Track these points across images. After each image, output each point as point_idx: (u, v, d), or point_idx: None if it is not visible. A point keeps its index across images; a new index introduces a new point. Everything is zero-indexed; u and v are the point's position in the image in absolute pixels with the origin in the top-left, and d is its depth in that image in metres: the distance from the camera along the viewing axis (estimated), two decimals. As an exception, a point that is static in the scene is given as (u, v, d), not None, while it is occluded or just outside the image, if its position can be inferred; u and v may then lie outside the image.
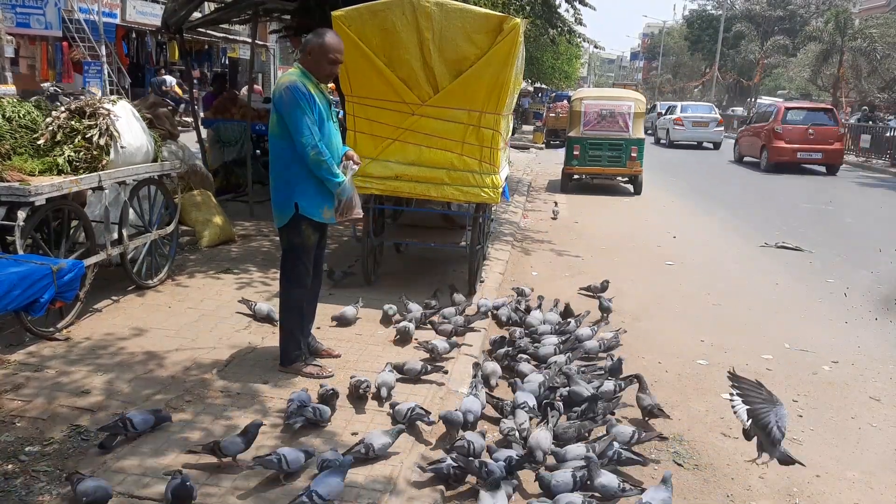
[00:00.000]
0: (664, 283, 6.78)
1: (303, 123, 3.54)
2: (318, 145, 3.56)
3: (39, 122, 4.56)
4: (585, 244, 8.35)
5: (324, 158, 3.58)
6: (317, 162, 3.59)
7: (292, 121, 3.55)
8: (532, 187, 13.21)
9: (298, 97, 3.53)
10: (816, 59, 30.43)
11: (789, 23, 45.23)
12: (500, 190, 5.39)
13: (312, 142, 3.55)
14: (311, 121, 3.55)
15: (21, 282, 3.42)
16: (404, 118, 5.21)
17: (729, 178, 16.47)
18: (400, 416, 3.35)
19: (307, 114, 3.54)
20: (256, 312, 4.72)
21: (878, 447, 3.69)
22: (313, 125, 3.56)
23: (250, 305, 4.80)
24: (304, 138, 3.55)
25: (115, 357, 4.00)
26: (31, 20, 16.47)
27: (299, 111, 3.53)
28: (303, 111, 3.53)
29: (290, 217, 3.72)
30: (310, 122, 3.54)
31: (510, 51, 4.98)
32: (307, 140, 3.55)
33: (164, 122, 6.06)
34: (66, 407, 3.37)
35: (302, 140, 3.56)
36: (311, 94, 3.57)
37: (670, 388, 4.26)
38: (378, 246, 5.96)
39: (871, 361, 4.90)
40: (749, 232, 9.47)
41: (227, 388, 3.68)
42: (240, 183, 8.92)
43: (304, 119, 3.53)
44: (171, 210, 5.52)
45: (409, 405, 3.38)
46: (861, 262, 7.83)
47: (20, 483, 2.76)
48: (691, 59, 56.83)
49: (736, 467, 3.40)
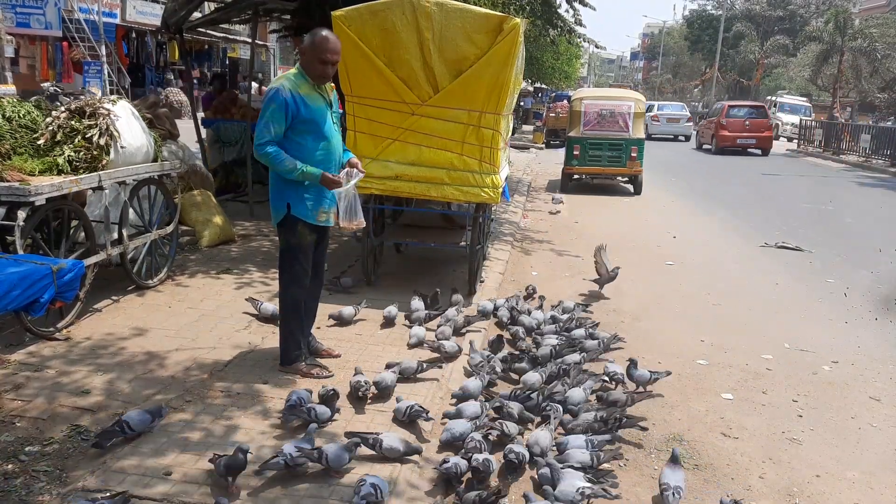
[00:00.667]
0: (664, 283, 6.78)
1: (261, 123, 3.57)
2: (258, 147, 3.56)
3: (39, 122, 4.56)
4: (585, 244, 8.32)
5: (271, 157, 3.56)
6: (261, 158, 3.60)
7: (259, 119, 3.60)
8: (532, 187, 13.21)
9: (271, 98, 3.55)
10: (816, 59, 30.42)
11: (789, 23, 45.26)
12: (500, 190, 5.39)
13: (259, 140, 3.57)
14: (273, 122, 3.54)
15: (21, 282, 3.42)
16: (404, 118, 5.21)
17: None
18: (399, 413, 3.37)
19: (273, 116, 3.54)
20: (261, 311, 4.72)
21: (878, 447, 3.69)
22: (272, 127, 3.55)
23: (257, 305, 4.80)
24: (256, 136, 3.59)
25: (115, 357, 4.00)
26: (31, 20, 16.48)
27: (266, 111, 3.56)
28: (269, 112, 3.55)
29: (283, 216, 3.74)
30: (269, 122, 3.54)
31: (510, 51, 4.98)
32: (257, 138, 3.57)
33: (164, 122, 6.06)
34: (66, 407, 3.37)
35: (254, 139, 3.60)
36: (298, 96, 3.56)
37: (670, 388, 4.25)
38: (378, 246, 5.97)
39: (871, 361, 4.90)
40: (749, 232, 9.47)
41: (227, 388, 3.68)
42: (240, 183, 8.92)
43: (264, 118, 3.56)
44: (171, 210, 5.52)
45: (408, 403, 3.40)
46: (861, 262, 7.83)
47: (20, 483, 2.76)
48: (691, 59, 56.84)
49: (736, 467, 3.40)
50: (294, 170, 3.60)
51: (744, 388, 4.34)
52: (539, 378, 3.89)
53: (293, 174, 3.60)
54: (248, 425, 3.30)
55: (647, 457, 3.46)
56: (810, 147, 24.91)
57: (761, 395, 4.26)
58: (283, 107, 3.54)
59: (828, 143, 23.85)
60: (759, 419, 3.93)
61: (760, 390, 4.32)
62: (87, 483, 2.76)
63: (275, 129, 3.56)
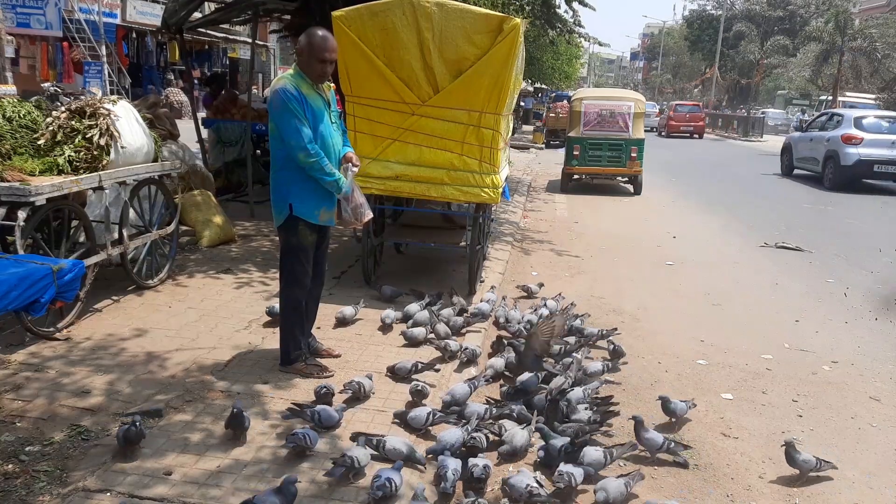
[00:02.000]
0: (664, 283, 6.78)
1: (291, 127, 3.54)
2: (306, 147, 3.54)
3: (40, 122, 4.56)
4: (585, 244, 8.35)
5: (314, 160, 3.57)
6: (307, 164, 3.59)
7: (281, 124, 3.56)
8: (532, 187, 13.21)
9: (286, 99, 3.53)
10: (816, 59, 30.47)
11: (789, 23, 45.21)
12: (500, 190, 5.39)
13: (302, 144, 3.54)
14: (301, 122, 3.54)
15: (21, 282, 3.41)
16: (404, 118, 5.21)
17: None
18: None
19: (296, 116, 3.53)
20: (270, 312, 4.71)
21: (878, 447, 3.69)
22: (303, 126, 3.54)
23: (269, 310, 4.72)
24: (292, 141, 3.55)
25: (116, 357, 4.01)
26: (32, 20, 16.47)
27: (287, 114, 3.53)
28: (291, 114, 3.53)
29: (285, 217, 3.74)
30: (298, 124, 3.53)
31: (510, 51, 4.98)
32: (296, 143, 3.55)
33: (164, 122, 6.06)
34: (66, 407, 3.37)
35: (291, 143, 3.56)
36: (302, 95, 3.57)
37: (670, 388, 4.26)
38: (378, 246, 5.97)
39: (871, 361, 4.90)
40: (749, 232, 9.47)
41: (227, 388, 3.68)
42: (240, 183, 8.92)
43: (292, 122, 3.53)
44: (171, 210, 5.53)
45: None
46: (861, 262, 7.83)
47: (20, 483, 2.76)
48: (691, 59, 56.84)
49: (736, 467, 3.40)
50: (333, 175, 3.65)
51: (743, 388, 4.34)
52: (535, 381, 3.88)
53: (334, 178, 3.66)
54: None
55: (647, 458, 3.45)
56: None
57: (761, 395, 4.26)
58: (298, 102, 3.54)
59: None
60: (758, 419, 3.93)
61: (760, 390, 4.32)
62: (88, 483, 2.76)
63: (307, 128, 3.56)
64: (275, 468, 2.95)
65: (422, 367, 3.97)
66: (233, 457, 3.02)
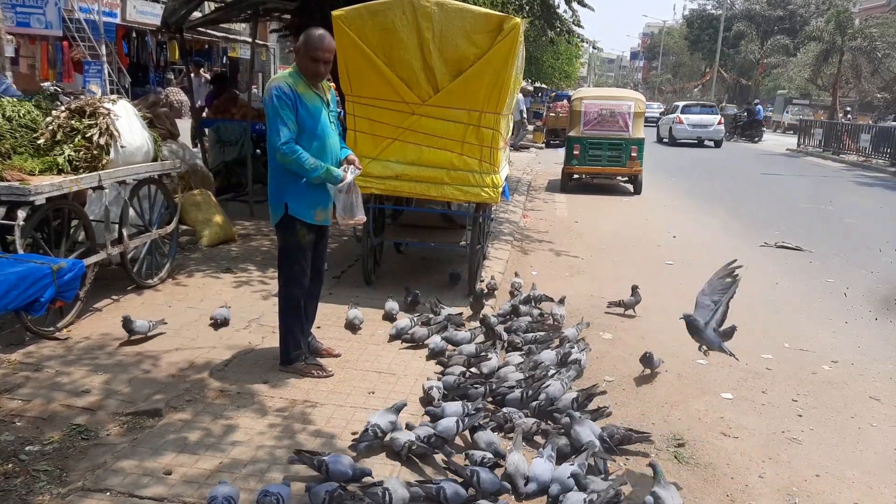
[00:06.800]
0: (664, 282, 6.77)
1: (273, 125, 3.56)
2: (281, 147, 3.54)
3: (39, 121, 4.56)
4: (585, 244, 8.35)
5: (292, 157, 3.56)
6: (286, 163, 3.59)
7: (268, 121, 3.59)
8: (532, 187, 13.21)
9: (274, 96, 3.54)
10: (816, 58, 30.39)
11: (789, 22, 45.19)
12: (500, 189, 5.39)
13: (277, 143, 3.54)
14: (284, 122, 3.54)
15: (21, 281, 3.41)
16: (404, 118, 5.21)
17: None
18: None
19: (280, 115, 3.53)
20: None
21: (878, 447, 3.69)
22: (284, 126, 3.54)
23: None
24: (272, 139, 3.57)
25: (115, 357, 4.01)
26: (32, 19, 16.44)
27: (273, 113, 3.55)
28: (276, 113, 3.54)
29: (281, 217, 3.74)
30: (280, 124, 3.53)
31: (510, 50, 4.98)
32: (274, 140, 3.56)
33: (164, 121, 6.06)
34: (65, 406, 3.38)
35: (271, 140, 3.58)
36: (296, 93, 3.58)
37: (670, 387, 4.26)
38: (378, 246, 5.96)
39: (871, 361, 4.90)
40: (749, 232, 9.46)
41: (226, 387, 3.68)
42: (240, 182, 8.92)
43: (276, 120, 3.55)
44: (171, 209, 5.52)
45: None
46: (861, 262, 7.83)
47: (20, 483, 2.76)
48: (691, 58, 56.81)
49: (736, 467, 3.40)
50: (318, 167, 3.62)
51: (743, 388, 4.34)
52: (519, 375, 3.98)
53: (317, 172, 3.62)
54: (247, 425, 3.30)
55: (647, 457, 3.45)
56: (810, 146, 25.54)
57: (761, 394, 4.26)
58: (288, 100, 3.54)
59: (827, 143, 24.46)
60: (758, 419, 3.93)
61: (760, 390, 4.32)
62: (88, 483, 2.76)
63: (290, 126, 3.56)
64: (274, 468, 2.94)
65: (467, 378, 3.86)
66: (232, 457, 3.02)
